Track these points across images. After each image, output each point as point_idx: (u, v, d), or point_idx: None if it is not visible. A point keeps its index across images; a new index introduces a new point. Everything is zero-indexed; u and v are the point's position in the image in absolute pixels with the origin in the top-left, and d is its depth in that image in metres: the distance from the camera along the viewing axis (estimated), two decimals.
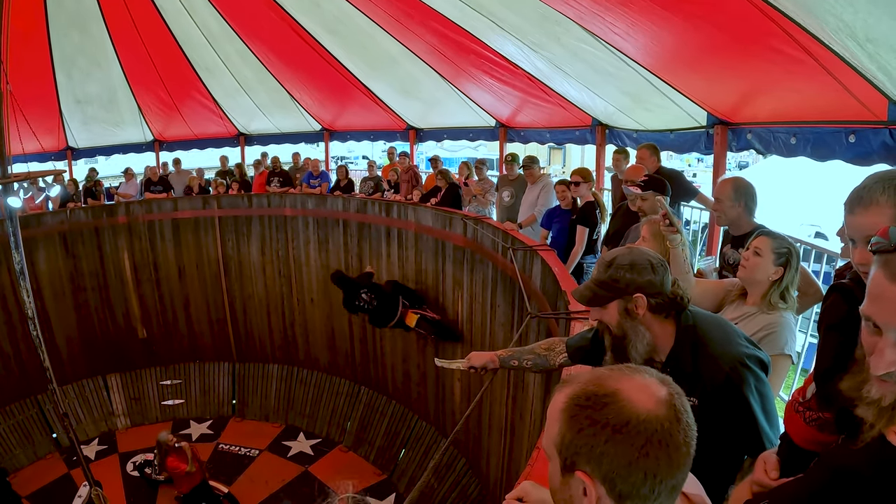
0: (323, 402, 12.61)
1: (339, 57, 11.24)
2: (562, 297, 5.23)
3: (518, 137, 11.28)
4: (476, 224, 9.01)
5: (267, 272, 13.18)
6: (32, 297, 8.08)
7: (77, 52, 12.02)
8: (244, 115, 14.43)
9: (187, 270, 13.44)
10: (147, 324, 13.53)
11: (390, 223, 11.27)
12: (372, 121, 13.39)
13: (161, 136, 15.18)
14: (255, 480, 11.10)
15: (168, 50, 12.14)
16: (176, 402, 13.21)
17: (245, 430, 12.63)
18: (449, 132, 12.71)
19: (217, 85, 13.37)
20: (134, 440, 12.35)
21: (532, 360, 3.20)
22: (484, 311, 9.04)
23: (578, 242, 6.89)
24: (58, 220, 12.62)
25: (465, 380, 9.79)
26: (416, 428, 11.15)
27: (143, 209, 13.15)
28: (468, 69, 9.64)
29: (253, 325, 13.54)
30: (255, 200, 12.98)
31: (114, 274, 13.19)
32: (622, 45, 6.14)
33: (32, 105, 11.26)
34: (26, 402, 12.24)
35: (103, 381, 13.19)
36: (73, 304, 12.85)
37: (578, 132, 9.64)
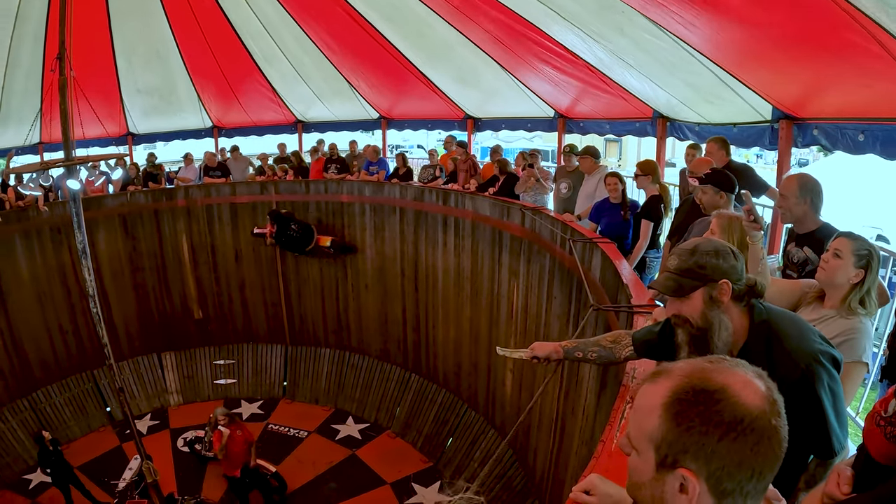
0: (373, 387, 12.72)
1: (397, 45, 11.24)
2: (623, 290, 5.15)
3: (577, 128, 11.13)
4: (534, 214, 8.93)
5: (322, 257, 13.30)
6: (93, 275, 8.27)
7: (137, 42, 12.34)
8: (302, 103, 14.55)
9: (244, 254, 13.67)
10: (203, 305, 13.88)
11: (447, 212, 11.25)
12: (429, 109, 13.36)
13: (220, 122, 15.45)
14: (303, 461, 11.28)
15: (227, 38, 12.35)
16: (228, 381, 13.52)
17: (295, 411, 12.85)
18: (507, 122, 12.60)
19: (275, 73, 13.52)
20: (185, 417, 12.70)
21: (597, 352, 3.13)
22: (540, 303, 8.97)
23: (643, 236, 6.77)
24: (118, 202, 13.03)
25: (517, 371, 9.76)
26: (465, 417, 11.17)
27: (201, 193, 13.45)
28: (527, 58, 9.53)
29: (307, 309, 13.72)
30: (312, 186, 13.12)
31: (172, 255, 13.58)
32: (686, 35, 6.00)
33: (94, 92, 11.52)
34: (82, 377, 12.75)
35: (158, 359, 13.63)
36: (132, 283, 13.30)
37: (638, 124, 9.46)
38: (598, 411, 5.22)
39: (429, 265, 11.88)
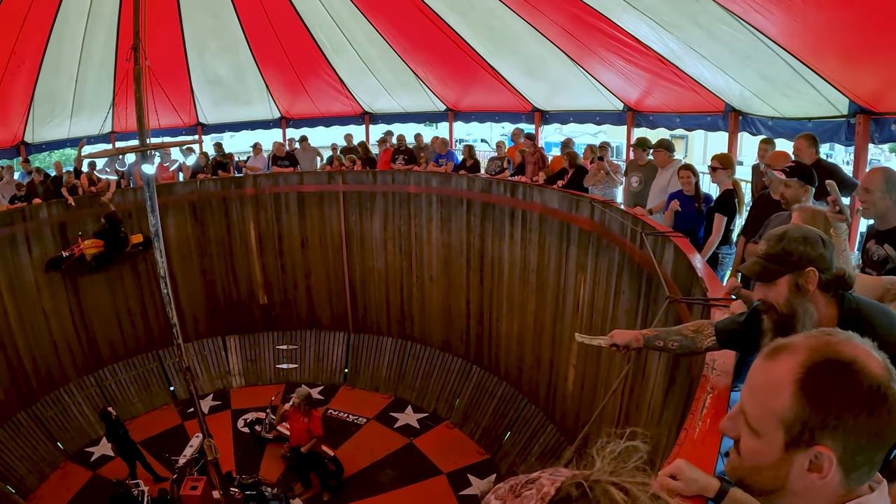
0: (434, 377, 12.77)
1: (465, 37, 11.24)
2: (698, 283, 5.04)
3: (646, 122, 10.94)
4: (604, 208, 8.81)
5: (388, 248, 13.45)
6: (165, 257, 8.50)
7: (208, 36, 12.67)
8: (369, 94, 14.67)
9: (310, 242, 13.90)
10: (268, 291, 14.18)
11: (515, 204, 11.19)
12: (496, 102, 13.29)
13: (288, 113, 15.70)
14: (361, 447, 11.41)
15: (295, 30, 12.55)
16: (290, 366, 13.79)
17: (355, 398, 13.01)
18: (575, 115, 12.44)
19: (343, 64, 13.67)
20: (247, 399, 13.04)
21: (679, 341, 3.05)
22: (607, 297, 8.85)
23: (715, 231, 6.60)
24: (188, 189, 13.48)
25: (580, 366, 9.65)
26: (525, 411, 11.11)
27: (269, 182, 13.74)
28: (597, 49, 9.42)
29: (371, 298, 13.87)
30: (379, 177, 13.23)
31: (239, 242, 13.93)
32: (763, 24, 5.84)
33: (165, 83, 11.86)
34: (148, 357, 13.32)
35: (222, 342, 14.06)
36: (199, 268, 13.76)
37: (710, 118, 9.26)
38: (665, 408, 5.13)
39: (495, 257, 11.84)
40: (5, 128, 13.06)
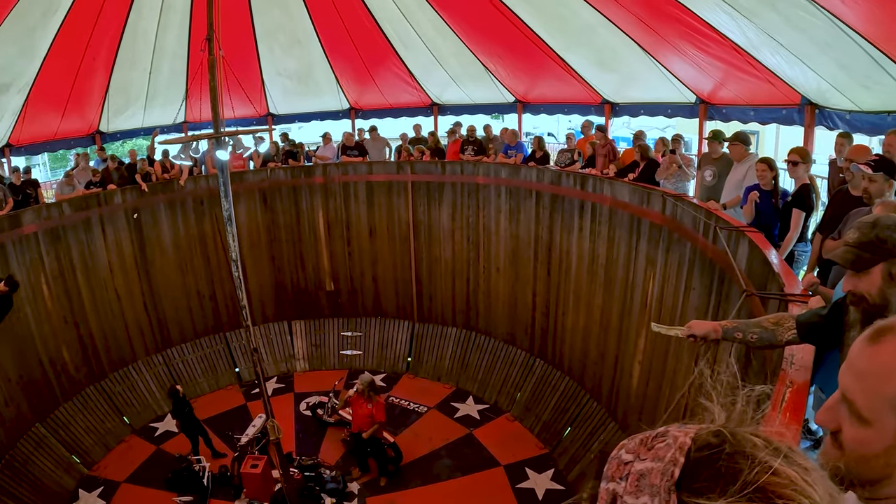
0: (496, 369, 12.72)
1: (534, 28, 11.12)
2: (774, 279, 4.88)
3: (718, 115, 10.60)
4: (676, 202, 8.60)
5: (456, 238, 13.44)
6: (236, 241, 8.69)
7: (277, 30, 12.96)
8: (438, 86, 14.65)
9: (378, 231, 14.03)
10: (335, 278, 14.40)
11: (585, 196, 11.03)
12: (566, 93, 13.09)
13: (357, 104, 15.86)
14: (420, 435, 11.49)
15: (364, 24, 12.72)
16: (354, 352, 13.98)
17: (417, 386, 13.10)
18: (646, 107, 12.14)
19: (411, 56, 13.72)
20: (310, 383, 13.33)
21: (758, 333, 2.93)
22: (676, 293, 8.65)
23: (794, 227, 6.36)
24: (259, 178, 13.82)
25: (645, 363, 9.47)
26: (586, 407, 10.96)
27: (339, 171, 13.93)
28: (671, 39, 9.19)
29: (437, 288, 13.91)
30: (448, 167, 13.23)
31: (308, 230, 14.19)
32: (843, 11, 5.57)
33: (237, 74, 12.16)
34: (215, 338, 13.80)
35: (288, 327, 14.39)
36: (268, 254, 14.10)
37: (785, 111, 8.94)
38: None
39: (563, 250, 11.70)
40: (82, 118, 13.68)
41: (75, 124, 13.75)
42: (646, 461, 0.72)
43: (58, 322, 11.49)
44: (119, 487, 10.62)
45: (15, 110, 12.20)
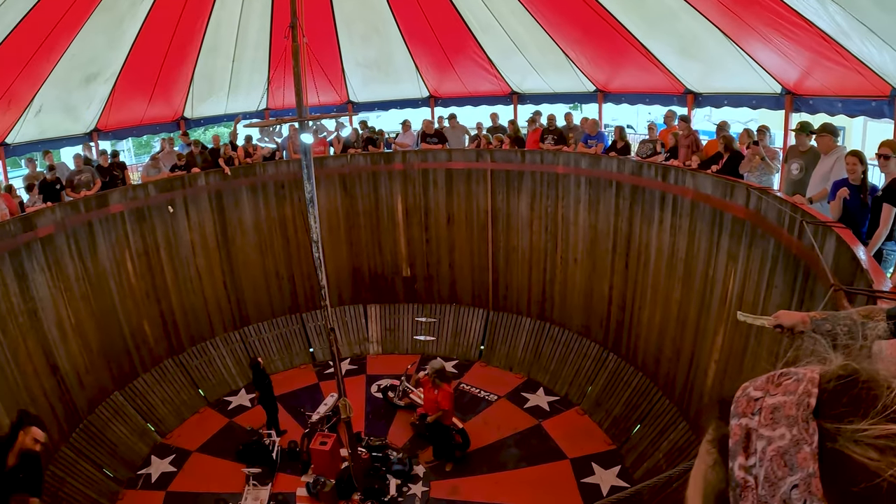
0: (569, 361, 12.55)
1: (615, 13, 10.86)
2: (862, 276, 4.65)
3: (805, 106, 10.05)
4: (761, 195, 8.23)
5: (534, 227, 13.30)
6: (318, 223, 8.85)
7: (357, 20, 13.16)
8: (518, 74, 14.50)
9: (456, 218, 14.05)
10: (412, 264, 14.56)
11: (666, 188, 10.69)
12: (648, 83, 12.75)
13: (436, 92, 15.91)
14: (489, 423, 11.48)
15: (444, 11, 12.72)
16: (428, 338, 14.07)
17: (488, 375, 13.07)
18: (729, 98, 11.63)
19: (491, 43, 13.63)
20: (382, 366, 13.55)
21: (849, 326, 2.74)
22: (758, 290, 8.29)
23: (884, 222, 5.99)
24: (339, 163, 14.09)
25: (722, 362, 9.15)
26: (658, 405, 10.65)
27: (418, 158, 14.02)
28: (756, 26, 8.79)
29: (512, 277, 13.82)
30: (527, 156, 13.09)
31: (386, 215, 14.37)
32: None
33: (317, 63, 12.40)
34: (292, 318, 14.21)
35: (363, 310, 14.66)
36: (346, 238, 14.37)
37: (874, 103, 8.45)
38: None
39: (642, 243, 11.40)
40: (167, 104, 14.33)
41: (161, 110, 14.44)
42: (776, 396, 0.70)
43: (140, 297, 12.12)
44: (190, 456, 11.13)
45: (102, 98, 12.91)
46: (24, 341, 9.86)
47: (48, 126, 12.60)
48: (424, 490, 9.97)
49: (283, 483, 10.34)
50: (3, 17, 9.35)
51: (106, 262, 11.56)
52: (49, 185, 11.11)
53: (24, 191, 11.45)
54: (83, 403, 10.87)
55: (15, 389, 9.43)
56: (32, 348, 10.00)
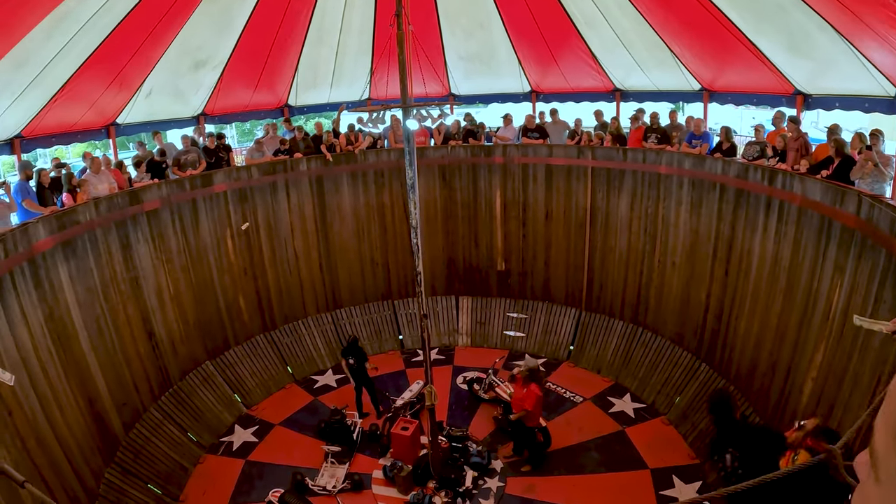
0: (659, 369, 12.14)
1: (722, 7, 10.36)
2: None
3: None
4: (873, 203, 7.64)
5: (633, 228, 12.94)
6: (418, 210, 8.94)
7: (460, 13, 13.16)
8: (621, 70, 14.09)
9: (554, 215, 13.89)
10: (507, 258, 14.52)
11: (772, 193, 10.10)
12: (756, 82, 12.05)
13: (538, 87, 15.67)
14: (571, 424, 11.31)
15: (548, 3, 12.52)
16: (517, 334, 13.98)
17: (575, 375, 12.87)
18: (841, 101, 10.74)
19: (595, 38, 13.29)
20: (470, 358, 13.64)
21: None
22: (864, 305, 7.67)
23: None
24: (439, 154, 14.23)
25: (820, 380, 8.57)
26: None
27: (519, 152, 13.94)
28: (872, 23, 8.12)
29: (608, 278, 13.51)
30: (630, 154, 12.73)
31: (484, 208, 14.38)
32: None
33: (420, 55, 12.48)
34: (383, 304, 14.60)
35: (455, 301, 14.79)
36: (443, 229, 14.52)
37: None
38: None
39: (743, 249, 10.82)
40: (272, 92, 14.90)
41: (265, 98, 15.05)
42: None
43: (238, 273, 12.78)
44: (273, 429, 11.66)
45: (210, 85, 13.56)
46: (125, 307, 10.61)
47: (157, 108, 13.36)
48: (500, 485, 9.95)
49: (360, 464, 10.65)
50: (116, 3, 9.91)
51: (207, 238, 12.25)
52: (156, 163, 11.88)
53: (132, 167, 12.23)
54: (175, 370, 11.61)
55: (112, 351, 10.19)
56: (131, 314, 10.75)
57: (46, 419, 8.10)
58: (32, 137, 11.21)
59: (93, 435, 9.32)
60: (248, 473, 10.51)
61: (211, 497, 10.00)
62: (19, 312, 8.11)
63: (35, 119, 10.89)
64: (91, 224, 10.08)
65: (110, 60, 10.94)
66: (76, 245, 9.74)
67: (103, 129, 12.71)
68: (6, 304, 7.85)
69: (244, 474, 10.49)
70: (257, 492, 9.96)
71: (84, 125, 12.22)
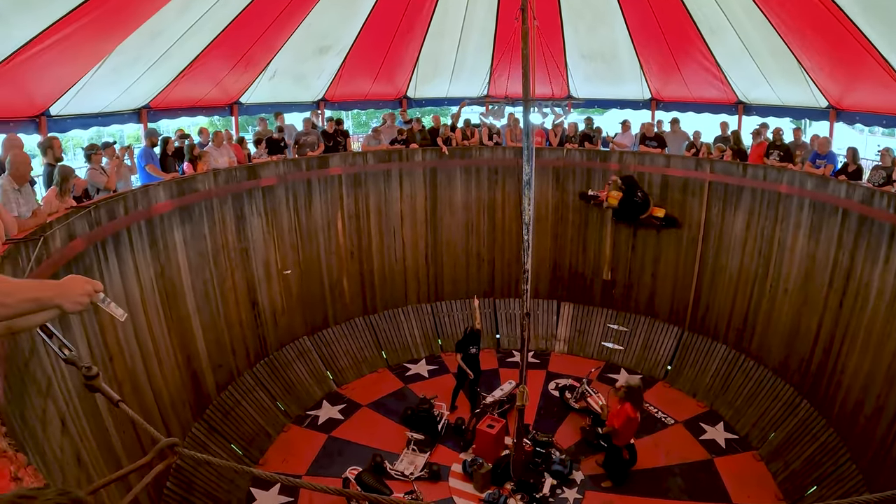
0: (757, 400, 11.43)
1: (855, 19, 9.59)
2: None
3: None
4: None
5: (746, 248, 12.25)
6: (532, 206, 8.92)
7: (584, 7, 12.73)
8: (746, 82, 13.35)
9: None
10: (613, 268, 14.19)
11: None
12: (889, 103, 11.05)
13: (658, 95, 15.16)
14: (659, 446, 10.94)
15: (673, 7, 11.99)
16: (616, 346, 13.65)
17: (669, 397, 12.41)
18: None
19: (720, 46, 12.65)
20: (564, 365, 13.49)
21: None
22: None
23: None
24: (554, 156, 14.12)
25: None
26: (843, 468, 9.33)
27: (635, 160, 13.57)
28: None
29: (715, 298, 12.88)
30: (749, 170, 12.06)
31: (595, 215, 14.12)
32: None
33: (541, 55, 12.38)
34: (485, 301, 14.67)
35: (556, 306, 14.66)
36: (552, 232, 14.44)
37: None
38: None
39: (861, 281, 9.98)
40: (391, 83, 15.33)
41: (385, 88, 15.52)
42: None
43: (345, 255, 13.36)
44: (359, 409, 12.09)
45: (332, 71, 14.14)
46: (232, 275, 11.37)
47: (280, 91, 14.06)
48: (578, 497, 9.81)
49: (441, 455, 10.81)
50: None
51: (318, 219, 12.89)
52: (275, 142, 12.58)
53: (252, 144, 12.92)
54: (273, 340, 12.35)
55: (215, 315, 10.95)
56: (238, 282, 11.51)
57: (145, 369, 8.71)
58: (159, 109, 12.13)
59: (186, 390, 10.04)
60: (328, 448, 10.93)
61: (290, 465, 10.46)
62: (132, 266, 8.79)
63: (163, 92, 11.72)
64: (209, 193, 10.81)
65: (237, 40, 11.52)
66: (193, 211, 10.49)
67: (227, 106, 13.64)
68: (121, 258, 8.54)
69: (325, 449, 10.92)
70: (335, 467, 10.29)
71: (208, 102, 13.14)
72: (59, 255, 6.81)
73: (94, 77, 9.62)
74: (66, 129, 10.44)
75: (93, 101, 10.43)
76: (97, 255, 7.93)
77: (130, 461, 7.03)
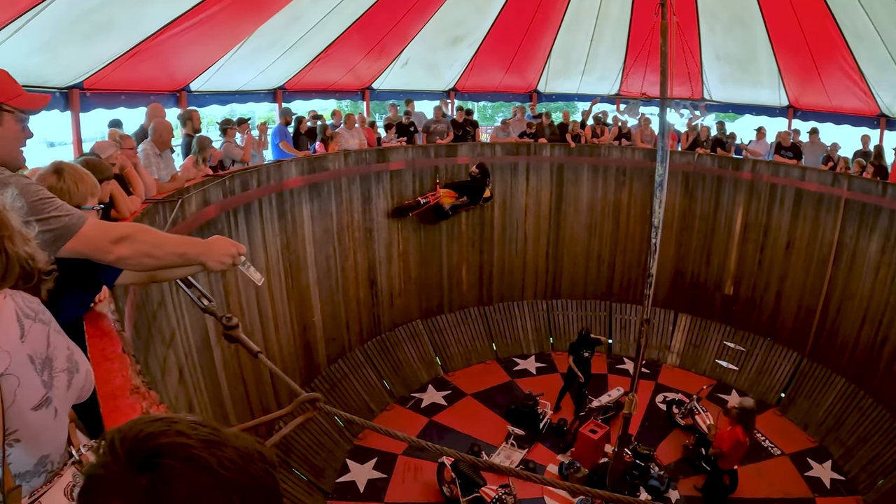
0: (871, 443, 10.54)
1: None
2: None
3: None
4: None
5: (879, 275, 11.24)
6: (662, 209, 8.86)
7: (722, 8, 12.05)
8: (890, 93, 12.09)
9: (796, 245, 12.63)
10: (736, 282, 13.54)
11: None
12: None
13: (796, 102, 14.01)
14: (761, 476, 10.43)
15: (816, 10, 11.04)
16: (730, 366, 12.97)
17: (779, 426, 11.73)
18: None
19: (864, 52, 11.47)
20: (675, 379, 13.12)
21: None
22: None
23: None
24: (685, 160, 13.64)
25: None
26: None
27: (769, 170, 12.82)
28: None
29: (840, 327, 11.92)
30: (890, 190, 11.05)
31: (723, 225, 13.54)
32: None
33: (678, 53, 11.90)
34: (601, 304, 14.68)
35: (673, 317, 14.18)
36: (676, 239, 14.01)
37: None
38: None
39: None
40: (521, 76, 15.25)
41: (515, 81, 15.49)
42: None
43: (466, 244, 13.71)
44: (464, 398, 12.43)
45: (464, 61, 14.27)
46: (354, 253, 12.03)
47: (411, 79, 14.40)
48: None
49: (538, 453, 10.95)
50: None
51: None
52: (405, 127, 13.02)
53: (382, 129, 13.46)
54: (387, 320, 12.94)
55: (333, 290, 11.67)
56: (359, 260, 12.16)
57: (262, 334, 9.47)
58: (294, 90, 12.77)
59: (298, 358, 10.81)
60: (428, 432, 11.30)
61: (388, 443, 10.79)
62: (261, 235, 9.59)
63: (298, 74, 12.31)
64: (338, 173, 11.46)
65: (372, 28, 11.84)
66: (321, 189, 11.19)
67: (359, 91, 14.17)
68: (251, 227, 9.33)
69: (424, 431, 11.31)
70: (432, 452, 10.40)
71: (341, 86, 13.65)
72: (193, 219, 7.54)
73: (234, 57, 10.29)
74: (204, 105, 11.14)
75: (231, 79, 11.13)
76: (228, 222, 8.68)
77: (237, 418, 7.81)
